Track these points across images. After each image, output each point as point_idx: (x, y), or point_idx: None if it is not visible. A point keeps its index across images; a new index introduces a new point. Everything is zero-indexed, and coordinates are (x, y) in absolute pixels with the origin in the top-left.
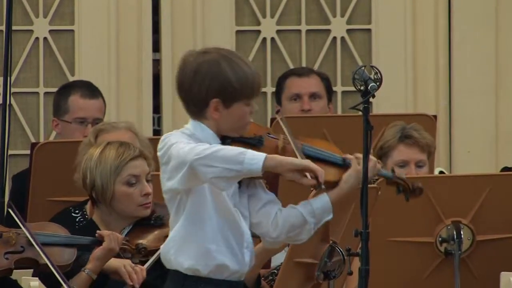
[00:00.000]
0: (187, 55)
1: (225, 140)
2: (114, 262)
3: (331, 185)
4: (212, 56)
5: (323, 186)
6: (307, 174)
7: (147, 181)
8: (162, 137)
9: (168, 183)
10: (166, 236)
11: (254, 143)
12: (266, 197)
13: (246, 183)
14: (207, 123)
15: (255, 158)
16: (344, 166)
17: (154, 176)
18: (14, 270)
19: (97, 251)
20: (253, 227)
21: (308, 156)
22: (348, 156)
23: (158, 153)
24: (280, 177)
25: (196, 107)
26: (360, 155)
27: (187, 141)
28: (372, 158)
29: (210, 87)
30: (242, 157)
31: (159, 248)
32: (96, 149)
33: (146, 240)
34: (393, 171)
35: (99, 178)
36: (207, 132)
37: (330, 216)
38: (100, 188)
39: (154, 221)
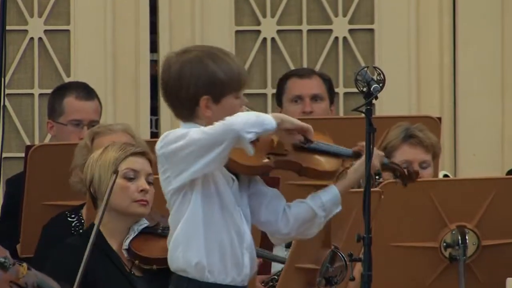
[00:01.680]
0: (167, 58)
1: None
2: None
3: (333, 175)
4: (194, 54)
5: (313, 143)
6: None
7: (148, 183)
8: (162, 137)
9: (180, 178)
10: None
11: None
12: (270, 193)
13: (246, 181)
14: (200, 122)
15: (268, 118)
16: (353, 157)
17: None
18: None
19: None
20: (262, 226)
21: (316, 150)
22: (360, 144)
23: (159, 152)
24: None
25: (186, 108)
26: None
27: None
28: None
29: (197, 85)
30: (261, 119)
31: (161, 257)
32: (99, 150)
33: (149, 249)
34: (388, 158)
35: (97, 170)
36: None
37: (339, 209)
38: (97, 180)
39: (162, 231)
